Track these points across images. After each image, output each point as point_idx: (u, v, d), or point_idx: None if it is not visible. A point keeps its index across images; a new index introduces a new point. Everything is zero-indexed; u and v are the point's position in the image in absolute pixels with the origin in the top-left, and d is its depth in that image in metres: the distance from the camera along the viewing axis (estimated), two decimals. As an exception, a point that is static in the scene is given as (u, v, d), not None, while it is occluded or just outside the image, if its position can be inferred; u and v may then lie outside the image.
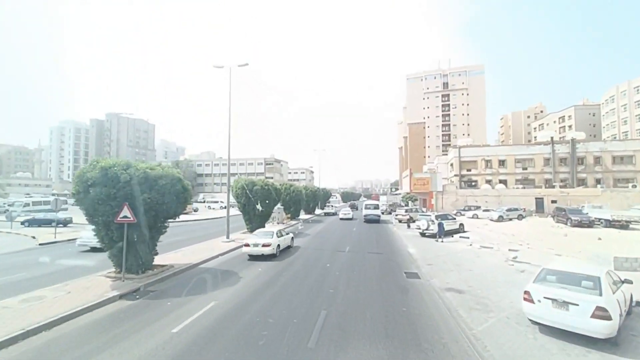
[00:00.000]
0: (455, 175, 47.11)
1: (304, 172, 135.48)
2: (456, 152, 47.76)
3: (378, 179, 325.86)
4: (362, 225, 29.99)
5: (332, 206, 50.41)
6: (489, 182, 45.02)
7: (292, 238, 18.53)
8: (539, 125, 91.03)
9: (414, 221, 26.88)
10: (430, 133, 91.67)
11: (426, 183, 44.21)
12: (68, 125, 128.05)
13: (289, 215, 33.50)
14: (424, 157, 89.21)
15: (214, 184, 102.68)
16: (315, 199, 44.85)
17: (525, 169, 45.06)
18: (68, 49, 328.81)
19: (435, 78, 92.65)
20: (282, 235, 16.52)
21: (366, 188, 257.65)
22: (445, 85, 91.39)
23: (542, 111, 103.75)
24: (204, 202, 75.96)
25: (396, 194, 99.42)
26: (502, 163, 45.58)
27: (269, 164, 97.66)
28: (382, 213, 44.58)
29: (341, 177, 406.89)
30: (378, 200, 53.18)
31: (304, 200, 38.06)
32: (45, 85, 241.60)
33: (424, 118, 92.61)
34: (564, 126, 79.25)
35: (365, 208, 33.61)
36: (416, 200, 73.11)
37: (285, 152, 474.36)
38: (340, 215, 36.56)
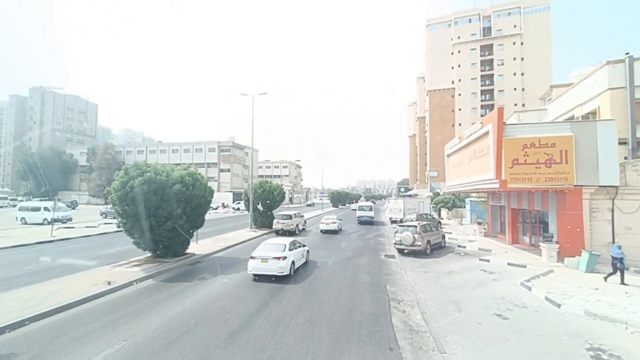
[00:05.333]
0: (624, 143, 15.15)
1: (286, 166, 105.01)
2: (623, 67, 14.05)
3: (381, 179, 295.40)
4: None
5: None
6: None
7: None
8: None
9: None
10: (463, 104, 60.93)
11: (564, 159, 11.64)
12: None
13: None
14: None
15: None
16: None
17: None
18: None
19: (470, 22, 61.88)
20: None
21: (368, 189, 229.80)
22: (487, 31, 60.59)
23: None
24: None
25: (406, 195, 69.12)
26: None
27: (225, 151, 67.24)
28: (413, 243, 16.21)
29: (341, 176, 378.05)
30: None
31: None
32: None
33: (453, 82, 61.94)
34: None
35: (359, 210, 33.71)
36: (457, 205, 37.04)
37: (286, 154, 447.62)
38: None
